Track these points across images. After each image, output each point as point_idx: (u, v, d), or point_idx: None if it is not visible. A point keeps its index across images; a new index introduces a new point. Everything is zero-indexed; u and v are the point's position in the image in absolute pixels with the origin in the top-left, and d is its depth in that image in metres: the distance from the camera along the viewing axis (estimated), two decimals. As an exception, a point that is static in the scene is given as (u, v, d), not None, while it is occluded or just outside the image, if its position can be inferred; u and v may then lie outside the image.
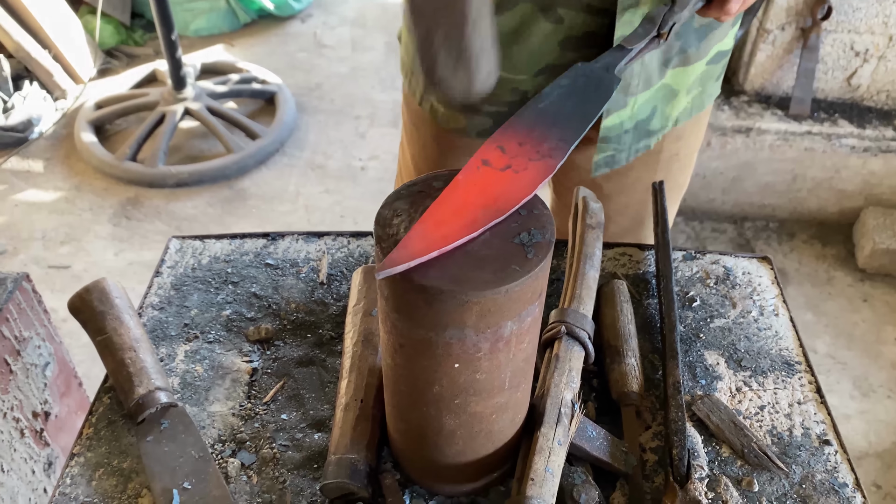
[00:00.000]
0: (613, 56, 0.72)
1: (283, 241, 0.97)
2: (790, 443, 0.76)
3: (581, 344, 0.75)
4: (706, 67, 0.99)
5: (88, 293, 0.82)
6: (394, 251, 0.51)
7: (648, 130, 1.00)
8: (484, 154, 0.59)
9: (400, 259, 0.51)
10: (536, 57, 0.92)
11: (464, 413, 0.62)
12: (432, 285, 0.52)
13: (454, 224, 0.53)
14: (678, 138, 1.07)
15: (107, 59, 3.29)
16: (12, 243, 2.45)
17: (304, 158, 2.83)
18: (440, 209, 0.55)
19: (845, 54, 2.32)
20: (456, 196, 0.56)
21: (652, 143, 1.02)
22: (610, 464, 0.72)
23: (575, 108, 0.65)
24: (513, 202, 0.56)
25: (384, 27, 3.58)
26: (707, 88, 1.03)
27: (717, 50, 0.98)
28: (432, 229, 0.53)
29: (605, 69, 0.70)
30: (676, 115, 1.02)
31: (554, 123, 0.63)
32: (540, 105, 0.65)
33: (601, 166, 1.01)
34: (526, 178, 0.58)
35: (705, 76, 1.00)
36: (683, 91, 0.98)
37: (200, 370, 0.82)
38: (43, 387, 1.11)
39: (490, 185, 0.57)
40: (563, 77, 0.68)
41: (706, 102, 1.05)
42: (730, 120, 2.36)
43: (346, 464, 0.69)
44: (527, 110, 0.64)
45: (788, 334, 0.87)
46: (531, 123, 0.63)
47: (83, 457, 0.74)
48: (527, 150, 0.60)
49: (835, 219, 2.58)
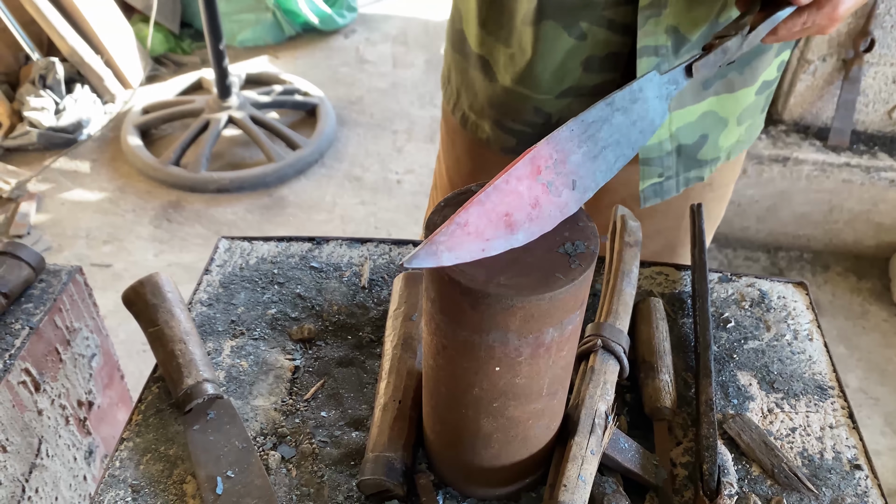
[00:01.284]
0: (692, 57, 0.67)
1: (328, 246, 1.01)
2: (821, 466, 0.76)
3: (616, 358, 0.77)
4: (755, 98, 0.98)
5: (142, 286, 0.86)
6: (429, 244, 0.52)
7: (699, 160, 0.99)
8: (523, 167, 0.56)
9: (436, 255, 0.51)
10: (559, 76, 0.93)
11: (501, 417, 0.64)
12: (479, 289, 0.54)
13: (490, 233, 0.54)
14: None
15: (155, 66, 3.39)
16: (57, 240, 2.52)
17: (342, 170, 2.88)
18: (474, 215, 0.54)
19: (887, 87, 2.32)
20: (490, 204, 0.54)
21: (705, 175, 1.01)
22: (641, 476, 0.73)
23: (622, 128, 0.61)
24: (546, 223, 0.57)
25: (425, 45, 3.64)
26: (756, 121, 1.03)
27: (764, 79, 0.97)
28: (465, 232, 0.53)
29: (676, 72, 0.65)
30: (729, 147, 1.01)
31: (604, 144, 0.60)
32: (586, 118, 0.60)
33: (650, 196, 0.99)
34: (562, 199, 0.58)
35: (755, 107, 1.00)
36: (734, 120, 0.98)
37: (245, 365, 0.85)
38: (88, 377, 1.15)
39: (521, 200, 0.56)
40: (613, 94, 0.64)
41: (754, 136, 1.05)
42: (767, 148, 2.36)
43: (383, 461, 0.71)
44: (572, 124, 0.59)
45: (822, 359, 0.87)
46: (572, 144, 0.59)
47: (132, 442, 0.77)
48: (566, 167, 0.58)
49: (871, 252, 2.56)
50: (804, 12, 0.73)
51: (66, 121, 2.90)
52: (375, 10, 3.97)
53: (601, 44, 0.89)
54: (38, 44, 3.05)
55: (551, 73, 0.93)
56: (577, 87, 0.93)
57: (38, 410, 1.02)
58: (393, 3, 4.04)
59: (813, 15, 0.73)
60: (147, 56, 3.36)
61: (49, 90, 2.92)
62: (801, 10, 0.73)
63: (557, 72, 0.92)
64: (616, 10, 0.86)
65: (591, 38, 0.89)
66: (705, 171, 1.01)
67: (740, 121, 0.99)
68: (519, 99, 0.98)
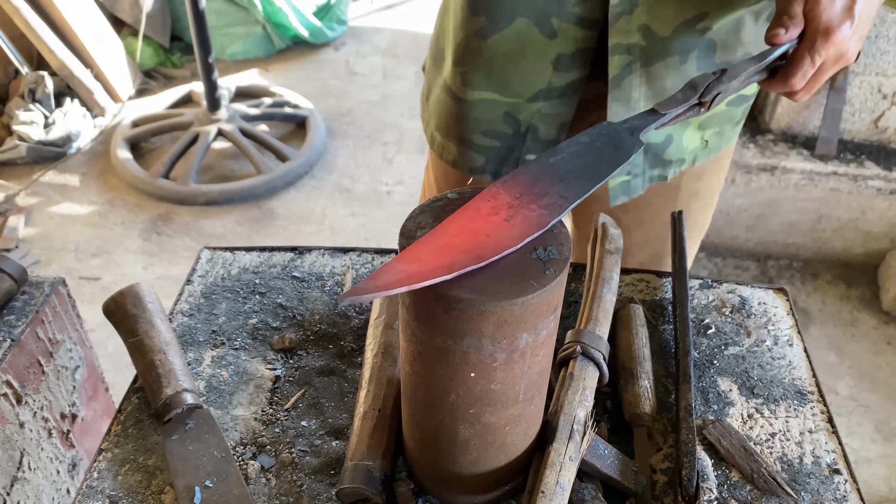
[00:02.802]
0: (643, 119, 0.69)
1: (310, 256, 1.01)
2: (800, 470, 0.76)
3: (595, 364, 0.77)
4: (726, 108, 0.99)
5: (123, 297, 0.86)
6: (363, 281, 0.51)
7: (663, 160, 1.01)
8: (480, 200, 0.59)
9: (365, 290, 0.51)
10: (531, 78, 0.93)
11: (478, 423, 0.64)
12: (452, 294, 0.54)
13: (431, 264, 0.53)
14: (698, 177, 1.08)
15: (145, 80, 3.39)
16: (46, 254, 2.52)
17: (331, 181, 2.88)
18: (421, 247, 0.55)
19: (872, 96, 2.33)
20: (441, 237, 0.56)
21: (668, 175, 1.03)
22: (620, 482, 0.73)
23: (586, 167, 0.63)
24: (496, 251, 0.54)
25: (415, 57, 3.65)
26: (725, 131, 1.03)
27: (740, 93, 0.99)
28: (407, 265, 0.53)
29: (630, 131, 0.67)
30: (693, 151, 1.02)
31: (560, 179, 0.61)
32: (551, 159, 0.63)
33: (619, 194, 1.02)
34: (515, 230, 0.56)
35: (724, 117, 1.00)
36: (695, 123, 0.99)
37: (226, 375, 0.85)
38: (72, 389, 1.15)
39: (477, 231, 0.56)
40: (584, 134, 0.66)
41: (723, 145, 1.05)
42: (755, 158, 2.38)
43: (362, 470, 0.71)
44: (536, 162, 0.63)
45: (802, 364, 0.88)
46: (536, 176, 0.61)
47: (110, 452, 0.77)
48: (524, 201, 0.59)
49: (860, 260, 2.57)
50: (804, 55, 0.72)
51: (56, 134, 2.89)
52: (365, 23, 3.98)
53: (570, 41, 0.89)
54: (27, 58, 3.05)
55: (522, 74, 0.93)
56: (547, 89, 0.94)
57: (19, 423, 1.02)
58: (383, 15, 4.06)
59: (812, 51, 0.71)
60: (137, 69, 3.36)
61: (38, 104, 2.92)
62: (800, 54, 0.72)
63: (528, 73, 0.93)
64: (586, 5, 0.86)
65: (561, 35, 0.89)
66: (669, 171, 1.02)
67: (703, 125, 1.00)
68: (488, 108, 0.98)
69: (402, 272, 0.52)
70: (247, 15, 3.45)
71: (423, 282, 0.51)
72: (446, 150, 1.06)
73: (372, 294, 0.50)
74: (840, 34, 0.70)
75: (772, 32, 0.72)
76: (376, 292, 0.50)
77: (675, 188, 1.07)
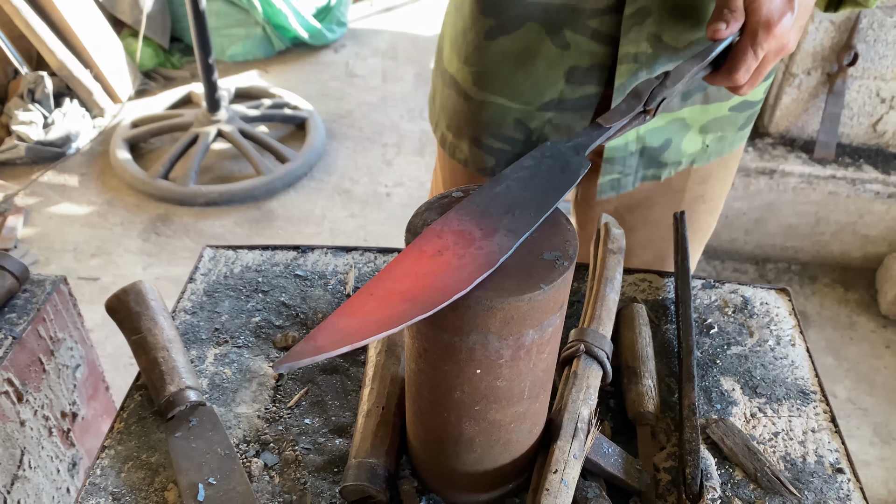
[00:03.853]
0: (588, 135, 0.66)
1: (313, 254, 1.01)
2: (803, 469, 0.77)
3: (599, 363, 0.77)
4: (728, 113, 0.99)
5: (126, 294, 0.86)
6: (299, 343, 0.47)
7: (659, 161, 1.00)
8: (424, 241, 0.55)
9: (304, 353, 0.47)
10: (542, 86, 0.92)
11: (483, 420, 0.64)
12: (459, 290, 0.54)
13: (374, 316, 0.49)
14: (703, 180, 1.08)
15: (145, 81, 3.39)
16: (45, 254, 2.51)
17: (331, 183, 2.88)
18: (363, 298, 0.51)
19: (871, 100, 2.34)
20: (385, 283, 0.52)
21: (662, 176, 1.02)
22: (624, 480, 0.73)
23: (534, 195, 0.59)
24: (444, 297, 0.50)
25: (414, 59, 3.66)
26: (728, 135, 1.02)
27: (744, 98, 0.99)
28: (347, 321, 0.49)
29: (575, 150, 0.64)
30: (692, 154, 1.02)
31: (507, 210, 0.58)
32: (495, 189, 0.60)
33: (606, 189, 1.02)
34: (464, 272, 0.52)
35: (726, 122, 1.00)
36: (696, 128, 0.98)
37: (229, 373, 0.85)
38: (72, 388, 1.15)
39: (424, 274, 0.52)
40: (528, 157, 0.63)
41: (725, 150, 1.05)
42: (754, 161, 2.38)
43: (366, 467, 0.71)
44: (480, 194, 0.59)
45: (804, 364, 0.88)
46: (483, 210, 0.58)
47: (113, 450, 0.77)
48: (471, 239, 0.55)
49: (858, 263, 2.58)
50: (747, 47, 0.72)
51: (55, 135, 2.89)
52: (365, 25, 3.99)
53: (585, 54, 0.89)
54: (27, 58, 3.05)
55: (533, 82, 0.93)
56: (559, 99, 0.93)
57: (20, 421, 1.01)
58: (382, 18, 4.07)
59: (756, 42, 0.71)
60: (136, 70, 3.36)
61: (38, 104, 2.92)
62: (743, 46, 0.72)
63: (540, 82, 0.93)
64: (601, 19, 0.86)
65: (575, 47, 0.88)
66: (663, 172, 1.02)
67: (704, 130, 0.99)
68: (498, 112, 0.98)
69: (342, 330, 0.48)
70: (247, 16, 3.45)
71: (365, 339, 0.47)
72: (458, 149, 1.06)
73: (311, 357, 0.46)
74: (781, 26, 0.70)
75: (713, 27, 0.71)
76: (316, 355, 0.46)
77: (681, 190, 1.07)
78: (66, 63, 2.98)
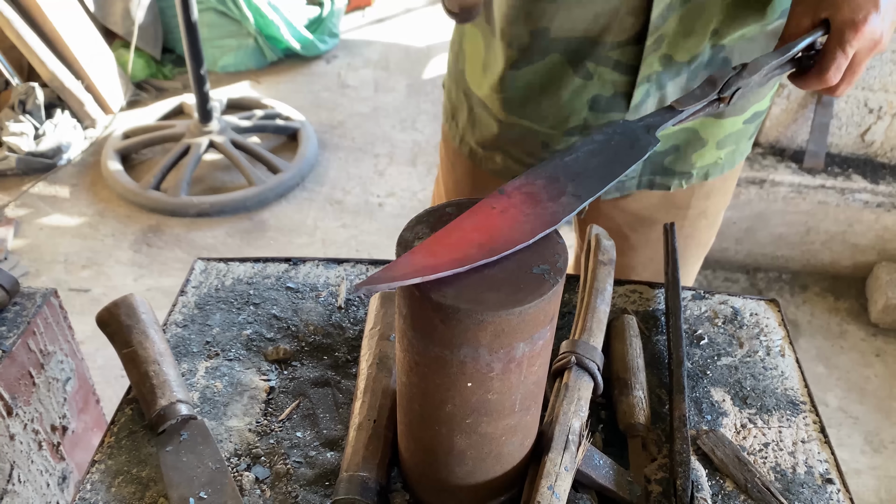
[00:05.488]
0: (661, 116, 0.69)
1: (304, 267, 1.01)
2: (793, 480, 0.77)
3: (590, 374, 0.77)
4: (742, 126, 1.00)
5: (117, 307, 0.86)
6: (379, 271, 0.53)
7: (664, 166, 1.01)
8: (494, 200, 0.60)
9: (381, 279, 0.52)
10: (566, 112, 0.94)
11: (474, 433, 0.65)
12: (449, 304, 0.54)
13: (445, 256, 0.54)
14: (707, 196, 1.09)
15: (136, 92, 3.39)
16: (35, 265, 2.50)
17: (323, 193, 2.88)
18: (437, 241, 0.56)
19: (859, 111, 2.36)
20: (456, 232, 0.57)
21: (671, 186, 1.03)
22: (615, 492, 0.73)
23: (600, 165, 0.64)
24: (508, 246, 0.56)
25: (406, 70, 3.67)
26: (740, 147, 1.04)
27: (755, 110, 0.99)
28: (422, 258, 0.54)
29: (646, 129, 0.68)
30: (706, 168, 1.03)
31: (574, 178, 0.63)
32: (566, 158, 0.64)
33: (611, 190, 1.03)
34: (528, 226, 0.58)
35: (740, 134, 1.01)
36: (713, 143, 0.99)
37: (220, 386, 0.85)
38: (63, 401, 1.14)
39: (492, 227, 0.57)
40: (599, 132, 0.67)
41: (737, 160, 1.06)
42: (744, 171, 2.40)
43: (357, 481, 0.71)
44: (551, 161, 0.64)
45: (794, 375, 0.88)
46: (551, 175, 0.63)
47: (104, 464, 0.76)
48: (537, 200, 0.60)
49: (848, 272, 2.59)
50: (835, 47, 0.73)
51: (46, 146, 2.88)
52: (357, 36, 4.00)
53: (608, 84, 0.90)
54: (17, 69, 3.04)
55: (557, 108, 0.94)
56: (583, 125, 0.95)
57: (9, 435, 1.01)
58: (374, 29, 4.08)
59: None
60: (128, 81, 3.36)
61: (29, 115, 2.91)
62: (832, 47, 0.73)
63: (564, 108, 0.94)
64: (622, 50, 0.87)
65: (598, 77, 0.90)
66: (672, 182, 1.03)
67: (721, 145, 1.00)
68: (527, 134, 0.99)
69: (416, 264, 0.53)
70: (239, 27, 3.46)
71: (435, 273, 0.53)
72: (490, 161, 1.07)
73: (387, 284, 0.51)
74: (869, 24, 0.71)
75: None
76: (391, 282, 0.51)
77: (685, 207, 1.07)
78: (57, 74, 2.98)
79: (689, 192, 1.06)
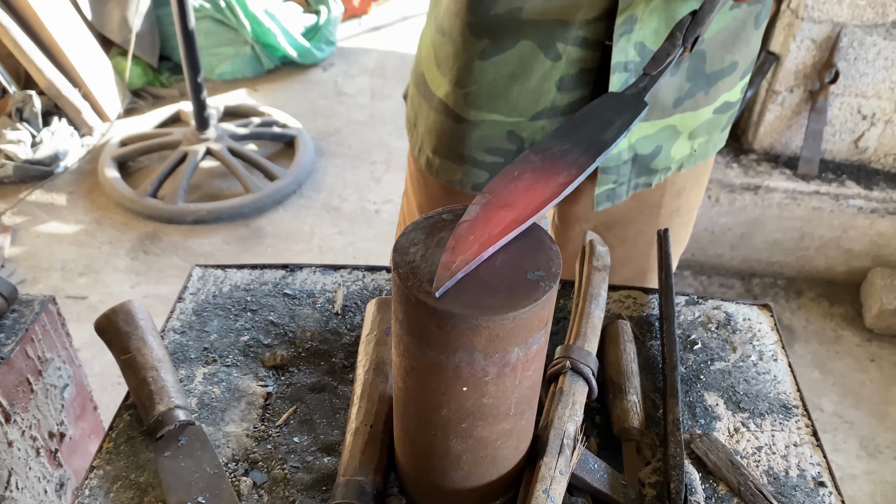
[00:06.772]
0: (642, 82, 0.74)
1: (301, 273, 1.01)
2: (786, 483, 0.78)
3: (584, 379, 0.78)
4: (713, 115, 1.01)
5: (115, 314, 0.86)
6: (442, 262, 0.56)
7: (650, 168, 1.02)
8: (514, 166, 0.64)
9: (455, 268, 0.55)
10: (535, 97, 0.95)
11: (470, 437, 0.65)
12: (444, 309, 0.55)
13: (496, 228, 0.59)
14: (679, 194, 1.10)
15: (134, 99, 3.40)
16: (32, 273, 2.50)
17: (320, 200, 2.89)
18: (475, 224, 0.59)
19: (853, 117, 2.38)
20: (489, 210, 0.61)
21: (653, 182, 1.04)
22: (610, 496, 0.74)
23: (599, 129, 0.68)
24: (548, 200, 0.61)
25: (403, 78, 3.68)
26: (713, 138, 1.05)
27: (725, 100, 1.01)
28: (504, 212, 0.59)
29: (634, 96, 0.72)
30: (680, 159, 1.04)
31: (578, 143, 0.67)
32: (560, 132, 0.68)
33: (602, 201, 1.03)
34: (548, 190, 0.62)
35: (712, 124, 1.03)
36: (686, 134, 1.01)
37: (218, 392, 0.85)
38: (60, 408, 1.14)
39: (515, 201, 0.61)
40: (588, 106, 0.72)
41: (710, 152, 1.07)
42: (738, 177, 2.41)
43: (354, 485, 0.71)
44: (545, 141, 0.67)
45: (787, 379, 0.89)
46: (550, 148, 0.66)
47: (102, 470, 0.77)
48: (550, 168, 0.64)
49: (843, 278, 2.61)
50: None
51: (43, 153, 2.89)
52: (354, 43, 4.02)
53: (575, 62, 0.91)
54: (14, 76, 3.05)
55: (527, 94, 0.95)
56: (551, 108, 0.95)
57: (7, 442, 1.01)
58: (371, 37, 4.10)
59: None
60: (125, 89, 3.37)
61: (26, 123, 2.92)
62: None
63: (533, 93, 0.95)
64: (590, 27, 0.88)
65: (566, 57, 0.91)
66: (654, 179, 1.04)
67: (693, 135, 1.02)
68: (491, 128, 0.99)
69: (472, 243, 0.58)
70: (236, 35, 3.47)
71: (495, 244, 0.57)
72: (446, 170, 1.06)
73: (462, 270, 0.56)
74: None
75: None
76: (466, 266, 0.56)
77: (657, 206, 1.09)
78: (54, 82, 2.98)
79: (660, 191, 1.07)
